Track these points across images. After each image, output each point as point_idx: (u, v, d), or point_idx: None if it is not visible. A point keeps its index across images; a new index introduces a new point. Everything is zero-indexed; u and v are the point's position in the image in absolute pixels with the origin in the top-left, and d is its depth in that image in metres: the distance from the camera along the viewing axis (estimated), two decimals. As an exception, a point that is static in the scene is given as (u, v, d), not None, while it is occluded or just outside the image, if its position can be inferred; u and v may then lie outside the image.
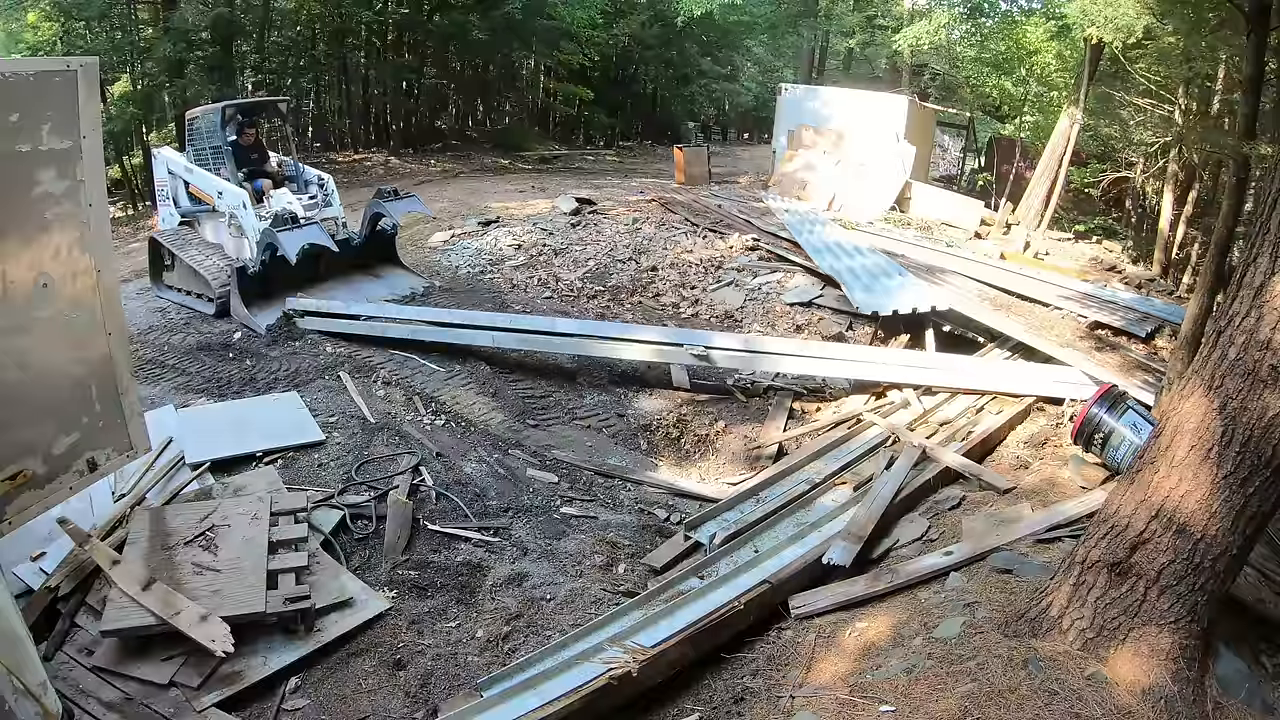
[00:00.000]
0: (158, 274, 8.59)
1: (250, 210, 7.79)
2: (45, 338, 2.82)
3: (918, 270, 9.10)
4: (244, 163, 8.31)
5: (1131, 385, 6.19)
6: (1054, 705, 2.74)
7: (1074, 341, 7.18)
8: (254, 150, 8.58)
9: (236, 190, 7.93)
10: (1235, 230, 6.93)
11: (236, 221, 7.96)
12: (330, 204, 8.52)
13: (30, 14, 15.61)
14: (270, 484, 5.08)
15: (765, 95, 27.20)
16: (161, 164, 8.85)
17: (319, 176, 8.78)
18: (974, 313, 7.82)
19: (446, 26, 19.43)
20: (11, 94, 2.57)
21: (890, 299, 8.03)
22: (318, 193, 8.56)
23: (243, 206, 7.82)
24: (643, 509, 5.78)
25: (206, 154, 8.30)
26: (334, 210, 8.50)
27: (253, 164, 8.45)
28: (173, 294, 8.47)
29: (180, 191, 8.53)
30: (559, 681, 3.57)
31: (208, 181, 8.16)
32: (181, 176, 8.46)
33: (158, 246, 8.52)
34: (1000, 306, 8.11)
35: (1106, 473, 4.97)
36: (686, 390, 7.29)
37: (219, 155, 8.18)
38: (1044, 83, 14.37)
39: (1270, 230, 2.76)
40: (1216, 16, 8.27)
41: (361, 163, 17.91)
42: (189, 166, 8.36)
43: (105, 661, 3.77)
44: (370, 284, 8.52)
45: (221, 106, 8.45)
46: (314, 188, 8.63)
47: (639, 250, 10.35)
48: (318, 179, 8.74)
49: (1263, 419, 2.71)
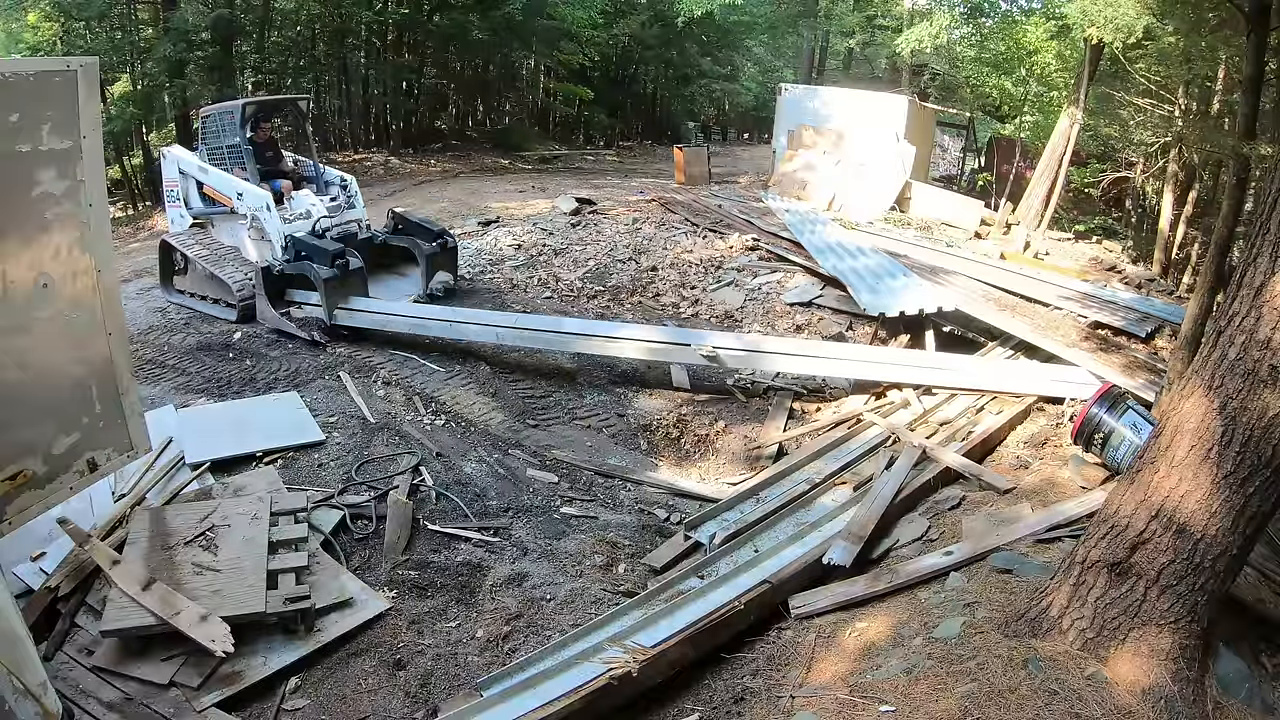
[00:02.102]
0: (168, 277, 8.35)
1: (274, 213, 7.57)
2: (45, 338, 2.81)
3: (920, 270, 9.09)
4: (259, 162, 8.08)
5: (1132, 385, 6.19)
6: (1054, 705, 2.74)
7: (1078, 342, 7.18)
8: (268, 149, 8.36)
9: (259, 191, 7.67)
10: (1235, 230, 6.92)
11: (258, 224, 7.68)
12: (354, 205, 8.38)
13: (30, 14, 15.61)
14: (270, 484, 5.08)
15: (765, 95, 27.21)
16: (171, 164, 8.52)
17: (341, 177, 8.60)
18: (979, 313, 7.81)
19: (446, 26, 19.44)
20: (11, 94, 2.57)
21: (896, 300, 8.00)
22: (340, 194, 8.41)
23: (265, 209, 7.59)
24: (643, 509, 5.78)
25: (222, 153, 8.03)
26: (357, 212, 8.36)
27: (267, 163, 8.24)
28: (185, 298, 8.22)
29: (192, 192, 8.25)
30: (559, 681, 3.57)
31: (226, 182, 7.87)
32: (194, 176, 8.15)
33: (169, 249, 8.29)
34: (1005, 307, 8.10)
35: (1107, 473, 4.97)
36: (686, 390, 7.29)
37: (235, 155, 7.92)
38: (1044, 83, 14.35)
39: (1270, 230, 2.76)
40: (1216, 16, 8.26)
41: (361, 163, 17.91)
42: (204, 166, 8.08)
43: (105, 661, 3.77)
44: (399, 281, 8.40)
45: (241, 104, 8.20)
46: (335, 189, 8.48)
47: (639, 250, 10.35)
48: (340, 180, 8.56)
49: (1263, 419, 2.71)
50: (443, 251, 8.31)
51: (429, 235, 8.34)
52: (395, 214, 8.71)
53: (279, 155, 8.54)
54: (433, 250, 8.20)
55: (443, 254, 8.31)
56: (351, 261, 7.39)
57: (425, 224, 8.55)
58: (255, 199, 7.65)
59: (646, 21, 24.11)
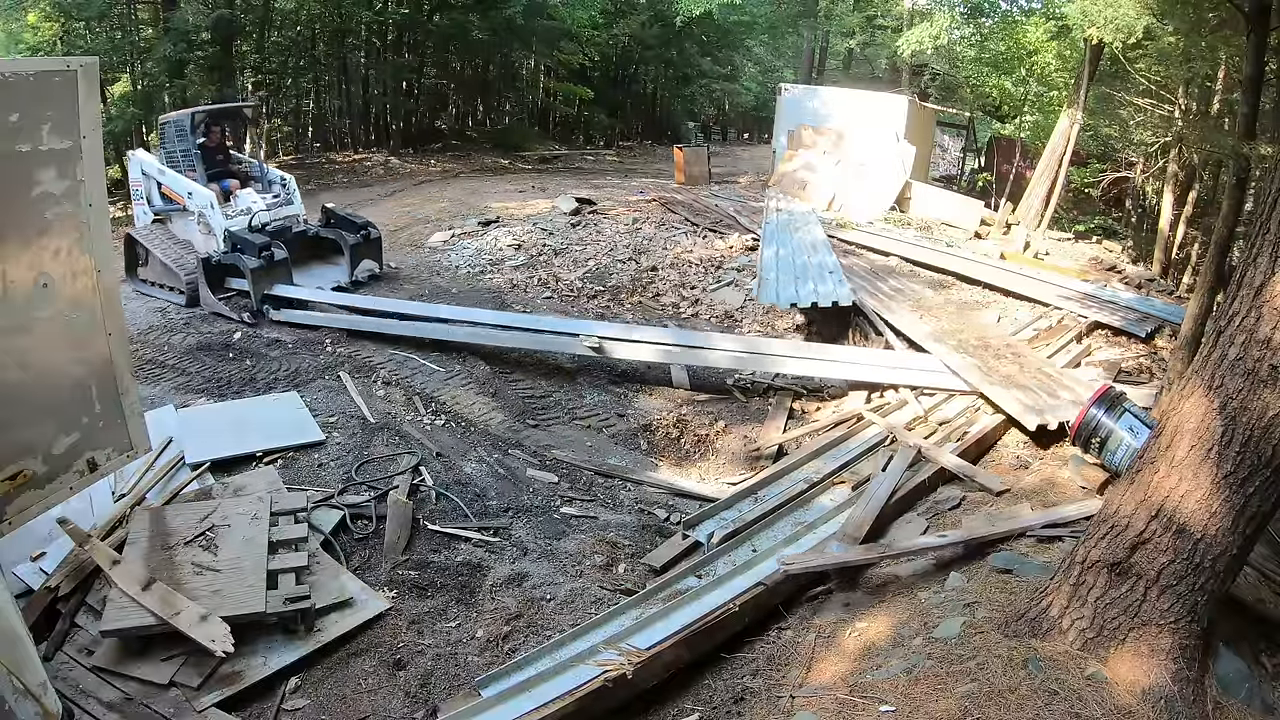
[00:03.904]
0: (132, 269, 8.97)
1: (217, 210, 8.42)
2: (45, 338, 2.81)
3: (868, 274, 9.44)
4: (211, 164, 8.94)
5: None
6: (1054, 705, 2.74)
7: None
8: (219, 152, 9.21)
9: (205, 191, 8.53)
10: (1235, 230, 6.93)
11: (205, 220, 8.53)
12: (291, 201, 9.20)
13: (30, 14, 15.60)
14: (270, 484, 5.08)
15: (765, 95, 27.22)
16: (135, 165, 9.30)
17: (281, 176, 9.40)
18: (873, 307, 8.17)
19: (446, 26, 19.43)
20: (11, 94, 2.57)
21: (784, 292, 8.31)
22: (280, 191, 9.22)
23: (210, 206, 8.43)
24: (643, 509, 5.78)
25: (177, 156, 8.87)
26: (295, 208, 9.20)
27: (219, 165, 9.11)
28: (146, 288, 8.89)
29: (154, 191, 9.03)
30: (555, 684, 3.57)
31: (179, 183, 8.72)
32: (154, 177, 8.97)
33: (133, 243, 8.97)
34: (922, 308, 8.32)
35: (1106, 474, 4.98)
36: (686, 390, 7.29)
37: (189, 158, 8.80)
38: (1044, 83, 14.37)
39: (1270, 230, 2.76)
40: (1216, 16, 8.27)
41: (361, 163, 17.91)
42: (161, 168, 8.88)
43: (105, 661, 3.77)
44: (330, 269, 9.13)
45: (191, 113, 9.11)
46: (276, 187, 9.27)
47: (639, 250, 10.35)
48: (280, 179, 9.36)
49: (1263, 419, 2.71)
50: (366, 242, 9.08)
51: (354, 228, 9.12)
52: (326, 209, 9.52)
53: (229, 157, 9.37)
54: (357, 241, 8.99)
55: (366, 244, 9.08)
56: (276, 253, 8.16)
57: (351, 218, 9.36)
58: (201, 198, 8.51)
59: (646, 21, 24.10)
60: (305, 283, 8.51)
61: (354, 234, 8.99)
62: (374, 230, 9.18)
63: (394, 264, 9.74)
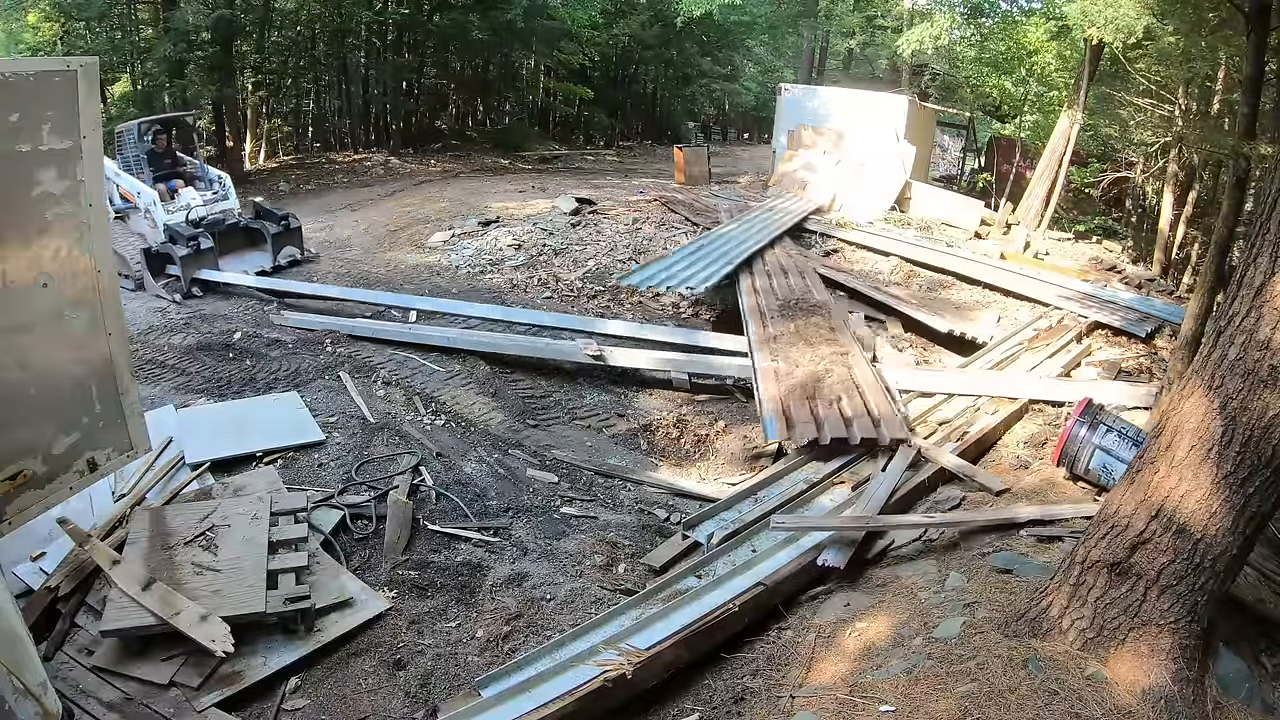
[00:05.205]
0: None
1: (160, 207, 9.62)
2: (45, 338, 2.81)
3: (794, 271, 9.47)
4: (159, 166, 10.21)
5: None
6: (1054, 705, 2.74)
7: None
8: (166, 156, 10.42)
9: (150, 191, 9.77)
10: (1235, 230, 6.93)
11: (150, 215, 9.66)
12: (227, 198, 10.41)
13: (30, 14, 15.61)
14: (270, 484, 5.07)
15: (765, 95, 27.21)
16: None
17: (219, 176, 10.68)
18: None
19: (446, 26, 19.41)
20: (11, 94, 2.57)
21: (650, 277, 8.79)
22: (218, 189, 10.45)
23: (154, 204, 9.62)
24: (643, 509, 5.78)
25: (130, 160, 10.02)
26: (230, 203, 10.42)
27: (166, 167, 10.34)
28: None
29: (114, 192, 9.87)
30: (555, 684, 3.56)
31: (131, 184, 9.82)
32: (113, 179, 9.79)
33: None
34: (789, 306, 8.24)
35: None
36: (686, 390, 7.29)
37: (139, 161, 10.05)
38: (1044, 83, 14.37)
39: (1270, 230, 2.76)
40: (1216, 16, 8.27)
41: (361, 163, 17.89)
42: (117, 171, 9.84)
43: (105, 661, 3.77)
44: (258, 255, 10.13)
45: (138, 122, 10.42)
46: (216, 185, 10.49)
47: (639, 250, 10.35)
48: (217, 178, 10.61)
49: (1263, 419, 2.71)
50: (286, 231, 10.18)
51: (275, 219, 10.26)
52: (254, 203, 10.81)
53: (176, 160, 10.57)
54: (278, 230, 10.08)
55: (286, 233, 10.18)
56: (203, 242, 9.21)
57: (274, 211, 10.51)
58: (147, 196, 9.66)
59: (646, 21, 24.07)
60: (236, 267, 9.56)
61: (275, 224, 10.10)
62: (294, 221, 10.36)
63: (313, 249, 10.70)
